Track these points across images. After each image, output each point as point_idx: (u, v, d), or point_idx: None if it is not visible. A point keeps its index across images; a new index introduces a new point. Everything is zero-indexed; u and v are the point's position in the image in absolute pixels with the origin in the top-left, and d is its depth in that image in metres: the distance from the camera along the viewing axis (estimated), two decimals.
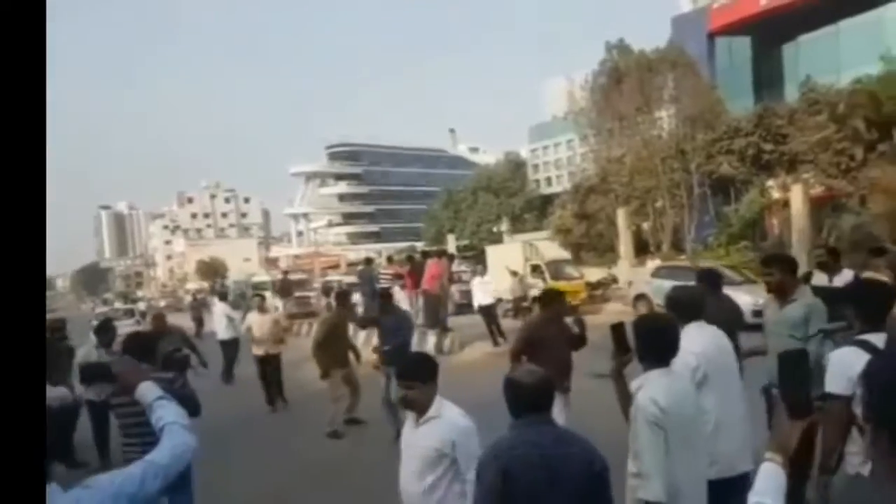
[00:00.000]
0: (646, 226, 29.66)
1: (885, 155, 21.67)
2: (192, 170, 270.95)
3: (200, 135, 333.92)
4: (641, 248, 27.39)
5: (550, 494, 2.43)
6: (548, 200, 49.37)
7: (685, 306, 3.80)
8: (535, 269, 22.08)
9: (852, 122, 22.19)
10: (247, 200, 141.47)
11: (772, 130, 25.01)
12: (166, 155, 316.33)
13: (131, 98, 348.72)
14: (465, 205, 54.27)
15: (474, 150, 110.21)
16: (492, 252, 25.68)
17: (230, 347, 13.61)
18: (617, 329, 3.36)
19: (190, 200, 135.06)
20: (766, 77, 32.03)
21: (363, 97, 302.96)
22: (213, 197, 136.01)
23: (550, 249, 25.11)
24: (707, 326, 3.75)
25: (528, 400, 2.64)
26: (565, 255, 25.65)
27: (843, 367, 3.02)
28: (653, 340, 3.03)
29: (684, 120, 27.76)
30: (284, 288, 26.76)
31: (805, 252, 19.63)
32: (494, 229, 45.48)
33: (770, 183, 25.27)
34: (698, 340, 3.59)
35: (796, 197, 21.18)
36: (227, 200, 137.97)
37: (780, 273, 4.57)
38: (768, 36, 31.74)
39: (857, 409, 2.81)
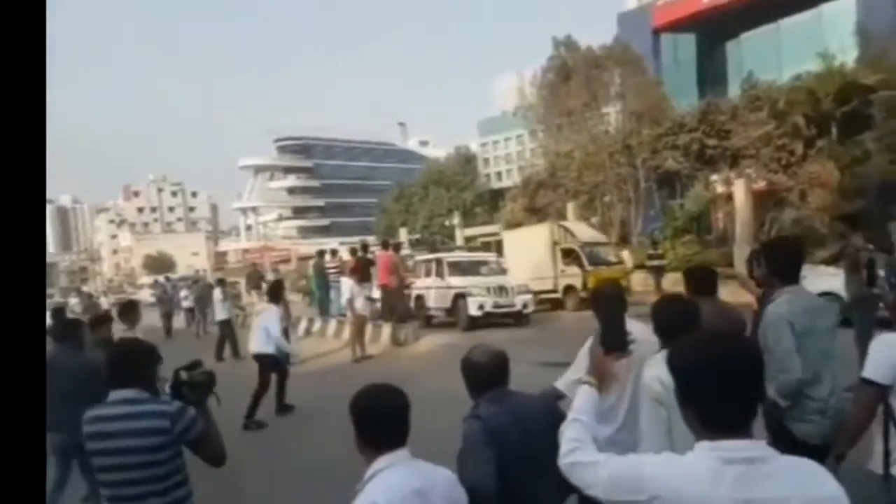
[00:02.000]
0: (594, 220, 29.90)
1: (823, 151, 22.19)
2: (139, 162, 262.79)
3: (146, 126, 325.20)
4: None
5: (526, 447, 2.67)
6: (498, 194, 49.56)
7: (606, 300, 3.67)
8: (569, 255, 19.33)
9: (792, 118, 22.63)
10: (194, 194, 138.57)
11: (715, 126, 25.34)
12: (111, 147, 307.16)
13: (73, 88, 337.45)
14: (416, 199, 54.08)
15: (424, 143, 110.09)
16: (510, 237, 22.62)
17: (227, 327, 15.47)
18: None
19: (136, 194, 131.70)
20: (710, 73, 32.54)
21: (312, 90, 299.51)
22: (160, 190, 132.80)
23: (584, 231, 21.55)
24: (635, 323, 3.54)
25: (487, 377, 2.83)
26: (601, 236, 22.30)
27: (886, 354, 2.90)
28: (669, 321, 2.95)
29: (630, 116, 28.08)
30: (254, 279, 23.84)
31: (748, 244, 20.04)
32: (446, 223, 45.34)
33: (714, 178, 25.66)
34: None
35: (739, 191, 21.53)
36: (174, 194, 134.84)
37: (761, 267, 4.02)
38: (712, 33, 32.23)
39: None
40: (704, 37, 33.07)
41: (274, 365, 9.29)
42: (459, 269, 16.67)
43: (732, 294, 6.15)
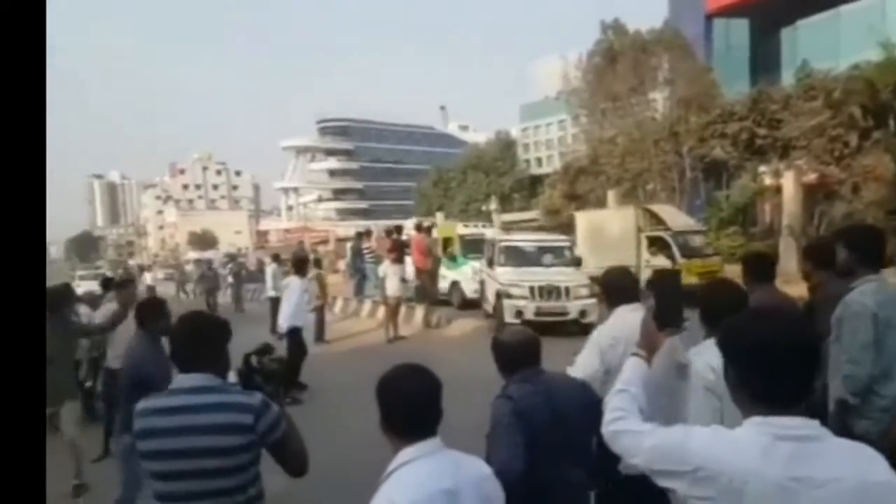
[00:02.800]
0: None
1: (879, 143, 21.36)
2: (185, 141, 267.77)
3: (193, 107, 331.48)
4: None
5: (557, 430, 2.62)
6: (537, 180, 49.10)
7: (617, 288, 3.63)
8: (656, 243, 16.92)
9: (848, 108, 21.84)
10: (238, 173, 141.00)
11: (766, 115, 24.61)
12: (159, 126, 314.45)
13: (124, 69, 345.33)
14: (454, 183, 53.87)
15: (464, 128, 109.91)
16: (584, 219, 19.94)
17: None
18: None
19: (182, 171, 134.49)
20: (763, 60, 31.52)
21: (355, 72, 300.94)
22: (204, 169, 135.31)
23: (675, 217, 18.82)
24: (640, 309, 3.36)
25: (519, 357, 2.79)
26: (694, 223, 19.74)
27: None
28: (717, 307, 2.81)
29: (678, 102, 27.41)
30: (298, 262, 23.38)
31: (795, 238, 19.40)
32: (483, 208, 45.08)
33: (762, 169, 24.97)
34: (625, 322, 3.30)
35: (788, 183, 20.90)
36: (218, 172, 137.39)
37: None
38: (766, 19, 31.16)
39: None
40: (759, 22, 31.99)
41: (296, 340, 9.15)
42: (515, 256, 13.71)
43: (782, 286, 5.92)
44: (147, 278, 28.17)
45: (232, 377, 2.39)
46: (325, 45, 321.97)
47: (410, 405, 1.97)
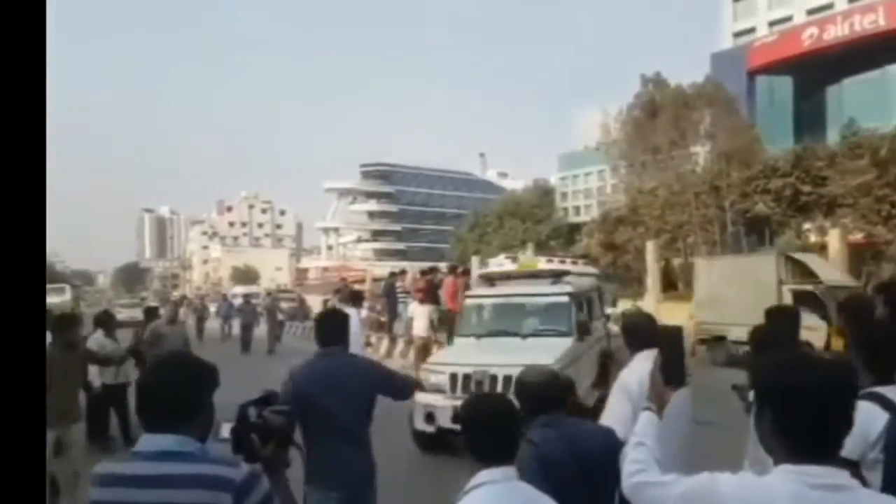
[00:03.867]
0: (676, 261, 29.05)
1: None
2: (233, 181, 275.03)
3: (242, 147, 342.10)
4: (669, 284, 26.68)
5: (580, 478, 2.55)
6: (574, 229, 49.10)
7: (637, 332, 3.58)
8: (803, 299, 13.05)
9: (895, 168, 21.50)
10: (282, 213, 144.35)
11: (811, 172, 24.39)
12: (209, 165, 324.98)
13: (178, 110, 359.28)
14: (490, 228, 54.17)
15: (503, 175, 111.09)
16: (707, 266, 17.76)
17: None
18: None
19: (229, 209, 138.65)
20: (808, 118, 31.38)
21: (397, 118, 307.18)
22: (250, 207, 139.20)
23: (826, 269, 15.66)
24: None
25: (542, 400, 2.70)
26: (849, 279, 16.26)
27: (855, 426, 2.48)
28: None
29: (720, 156, 27.29)
30: (354, 295, 20.44)
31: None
32: (519, 254, 45.17)
33: (807, 226, 24.61)
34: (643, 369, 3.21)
35: (834, 241, 20.44)
36: (263, 211, 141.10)
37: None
38: (811, 77, 31.15)
39: (871, 474, 2.44)
40: (803, 80, 31.97)
41: None
42: (482, 319, 9.41)
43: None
44: (181, 312, 27.59)
45: (225, 432, 1.94)
46: (371, 91, 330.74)
47: (490, 431, 2.09)
